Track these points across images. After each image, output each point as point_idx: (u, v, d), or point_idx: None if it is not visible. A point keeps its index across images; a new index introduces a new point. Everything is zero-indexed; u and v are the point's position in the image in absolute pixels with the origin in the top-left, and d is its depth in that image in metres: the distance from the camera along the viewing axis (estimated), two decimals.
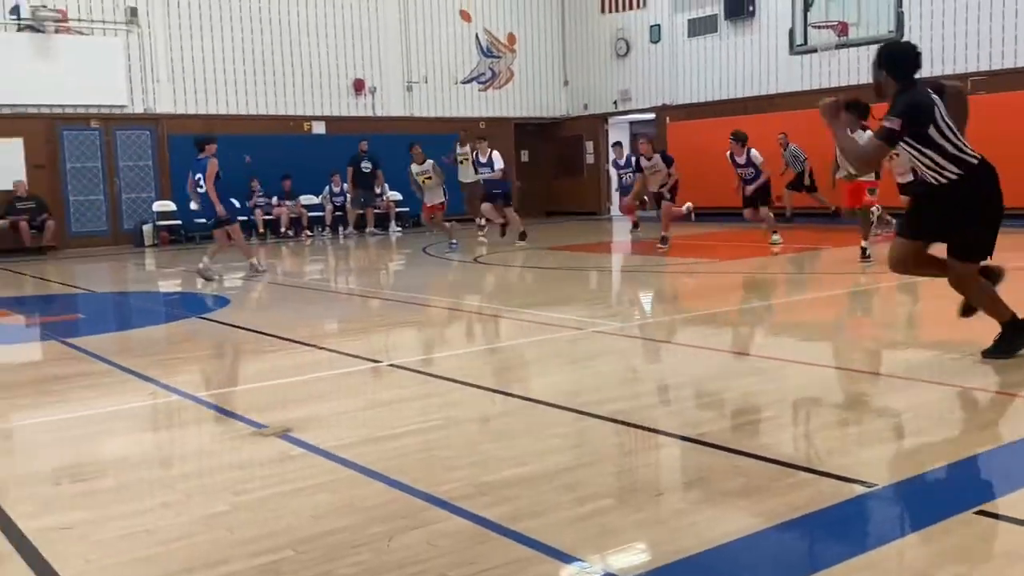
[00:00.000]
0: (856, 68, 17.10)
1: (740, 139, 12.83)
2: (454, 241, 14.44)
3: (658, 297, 9.54)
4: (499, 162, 15.32)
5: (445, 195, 14.89)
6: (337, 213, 19.11)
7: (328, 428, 4.43)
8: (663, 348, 6.51)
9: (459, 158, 16.88)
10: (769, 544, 2.92)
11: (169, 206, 18.44)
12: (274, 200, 18.96)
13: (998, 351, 5.13)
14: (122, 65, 17.93)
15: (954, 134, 4.89)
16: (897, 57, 5.00)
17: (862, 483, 3.32)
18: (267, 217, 18.85)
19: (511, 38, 22.78)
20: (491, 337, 7.16)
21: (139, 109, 18.26)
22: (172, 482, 3.72)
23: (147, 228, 18.16)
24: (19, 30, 16.93)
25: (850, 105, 9.87)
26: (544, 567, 2.77)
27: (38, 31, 17.03)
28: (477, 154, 15.75)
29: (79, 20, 17.49)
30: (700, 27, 20.07)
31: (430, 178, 14.53)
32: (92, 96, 17.61)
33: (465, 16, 22.03)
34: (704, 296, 9.17)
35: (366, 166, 18.45)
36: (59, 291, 10.83)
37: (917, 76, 5.00)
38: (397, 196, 19.50)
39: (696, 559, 2.76)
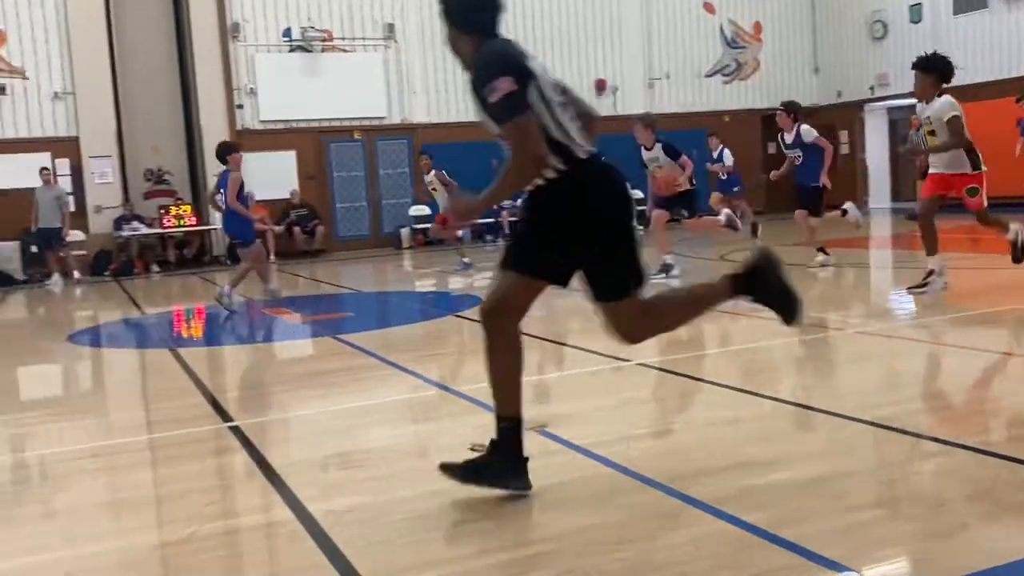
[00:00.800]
0: None
1: (791, 109, 10.54)
2: (466, 259, 13.54)
3: (920, 296, 8.92)
4: None
5: None
6: None
7: (583, 425, 4.50)
8: (930, 349, 6.09)
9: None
10: None
11: (424, 211, 19.40)
12: (518, 202, 19.54)
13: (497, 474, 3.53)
14: (381, 78, 19.12)
15: (563, 112, 3.40)
16: (466, 3, 3.43)
17: None
18: (512, 219, 19.47)
19: (757, 27, 22.14)
20: (741, 338, 6.98)
21: (396, 120, 19.38)
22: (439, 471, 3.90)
23: (405, 232, 19.24)
24: (291, 51, 18.47)
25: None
26: None
27: (307, 51, 18.50)
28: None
29: (343, 39, 18.82)
30: (967, 3, 18.63)
31: (435, 189, 13.60)
32: (355, 109, 18.90)
33: (709, 8, 21.65)
34: (970, 294, 8.49)
35: None
36: (329, 291, 11.68)
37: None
38: (638, 194, 19.49)
39: None
